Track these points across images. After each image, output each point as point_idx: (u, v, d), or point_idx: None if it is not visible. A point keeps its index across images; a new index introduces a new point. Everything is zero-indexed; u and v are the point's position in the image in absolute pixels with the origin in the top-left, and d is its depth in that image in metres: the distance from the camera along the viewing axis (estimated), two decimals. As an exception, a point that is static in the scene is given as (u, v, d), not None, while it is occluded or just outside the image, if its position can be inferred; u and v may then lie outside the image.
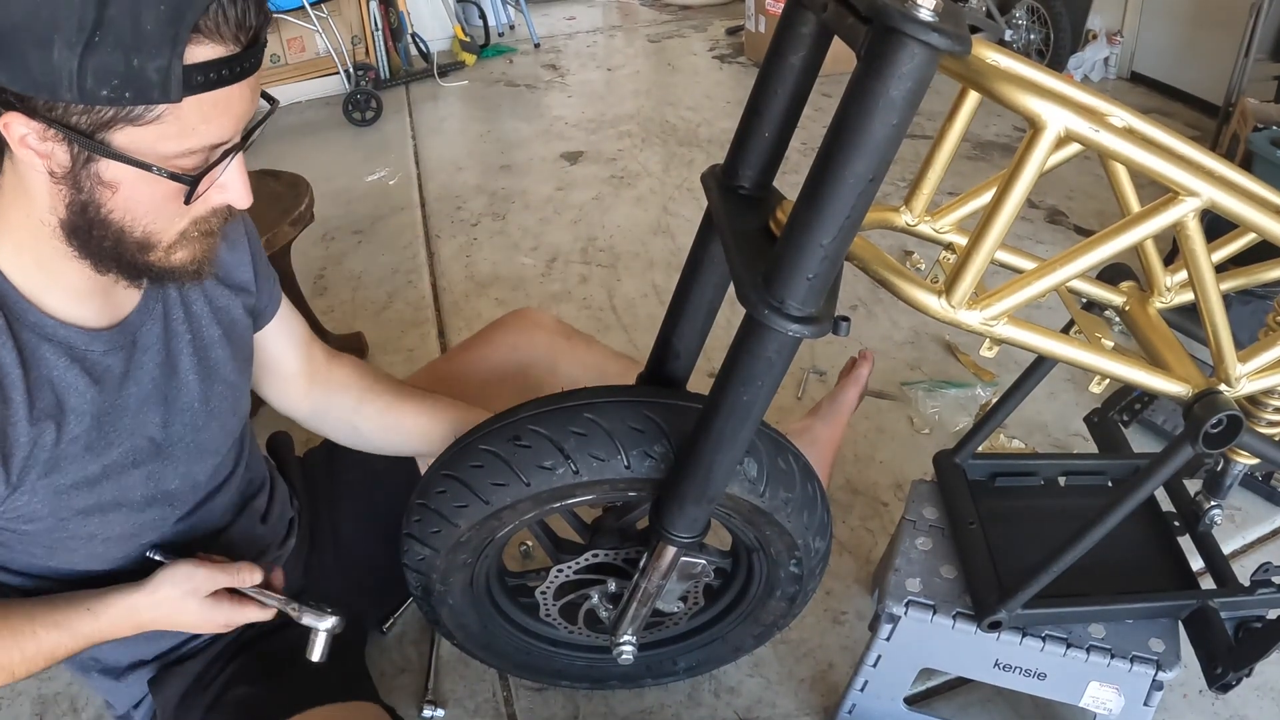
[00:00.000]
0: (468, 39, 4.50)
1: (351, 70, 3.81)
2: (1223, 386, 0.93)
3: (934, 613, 1.14)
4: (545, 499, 1.01)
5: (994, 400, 1.54)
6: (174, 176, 0.77)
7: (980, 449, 1.29)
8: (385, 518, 1.23)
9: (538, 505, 1.02)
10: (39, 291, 0.85)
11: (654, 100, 3.86)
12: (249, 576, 0.98)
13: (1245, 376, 0.94)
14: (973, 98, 0.88)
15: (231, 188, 0.83)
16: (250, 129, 0.82)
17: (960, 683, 1.38)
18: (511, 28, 5.03)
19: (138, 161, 0.75)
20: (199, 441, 1.02)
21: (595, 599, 1.18)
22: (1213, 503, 1.18)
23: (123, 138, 0.74)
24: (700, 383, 1.06)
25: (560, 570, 1.15)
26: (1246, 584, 1.14)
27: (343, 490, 1.30)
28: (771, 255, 0.78)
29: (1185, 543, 1.23)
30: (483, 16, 4.63)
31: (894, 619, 1.16)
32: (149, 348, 0.95)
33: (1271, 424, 1.03)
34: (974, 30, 0.71)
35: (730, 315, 2.17)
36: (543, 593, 1.18)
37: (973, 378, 2.04)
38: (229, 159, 0.80)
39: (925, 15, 0.62)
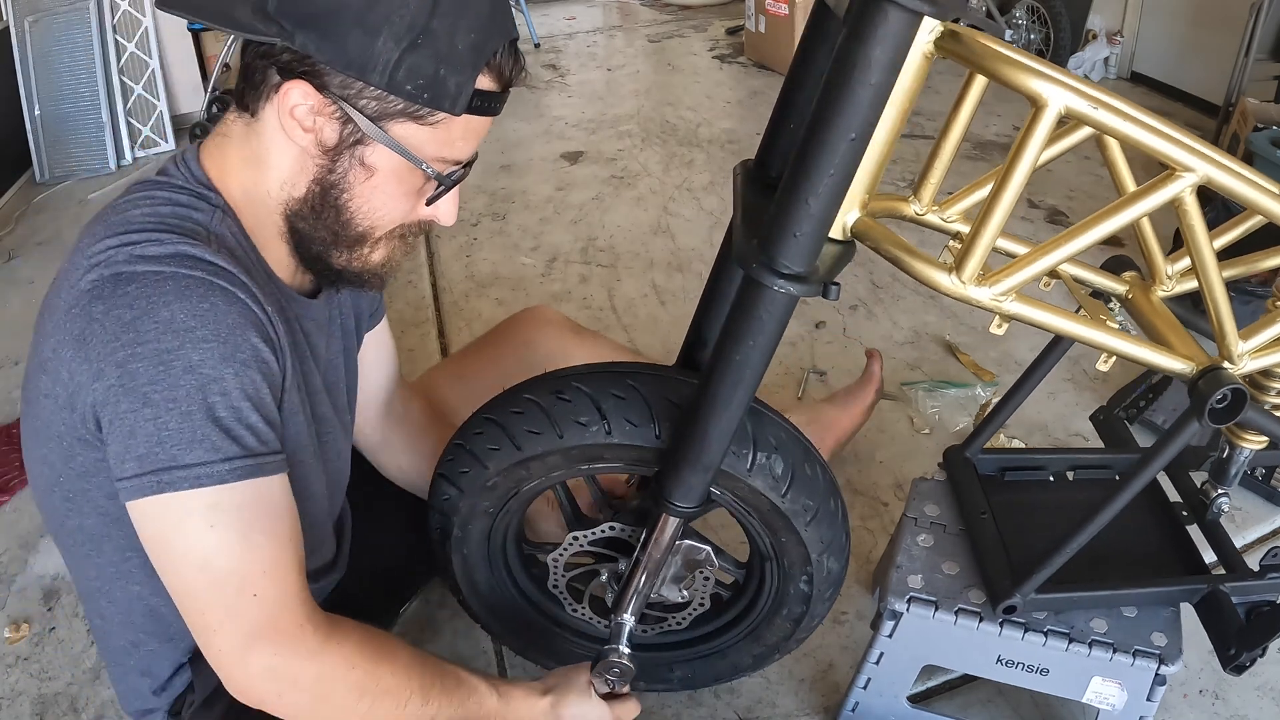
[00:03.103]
0: (467, 40, 4.50)
1: (351, 70, 3.81)
2: (1225, 364, 0.95)
3: (936, 609, 1.14)
4: (575, 456, 1.05)
5: (994, 401, 1.54)
6: (436, 175, 0.85)
7: (985, 446, 1.29)
8: (395, 514, 1.23)
9: (566, 462, 1.06)
10: (261, 248, 0.88)
11: (654, 100, 3.86)
12: (632, 709, 1.12)
13: (1247, 354, 0.97)
14: (978, 84, 0.90)
15: (446, 206, 0.91)
16: (471, 159, 0.89)
17: (962, 681, 1.38)
18: (511, 28, 5.04)
19: (411, 155, 0.82)
20: (348, 424, 1.07)
21: (604, 577, 1.20)
22: (1219, 490, 1.19)
23: (400, 130, 0.80)
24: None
25: (576, 538, 1.16)
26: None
27: (355, 491, 1.29)
28: (766, 218, 0.83)
29: (1194, 533, 1.23)
30: (482, 17, 4.63)
31: (896, 615, 1.16)
32: (333, 332, 1.00)
33: (1276, 406, 1.05)
34: (974, 30, 0.78)
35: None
36: (555, 559, 1.19)
37: (973, 378, 2.04)
38: (464, 176, 0.89)
39: None
